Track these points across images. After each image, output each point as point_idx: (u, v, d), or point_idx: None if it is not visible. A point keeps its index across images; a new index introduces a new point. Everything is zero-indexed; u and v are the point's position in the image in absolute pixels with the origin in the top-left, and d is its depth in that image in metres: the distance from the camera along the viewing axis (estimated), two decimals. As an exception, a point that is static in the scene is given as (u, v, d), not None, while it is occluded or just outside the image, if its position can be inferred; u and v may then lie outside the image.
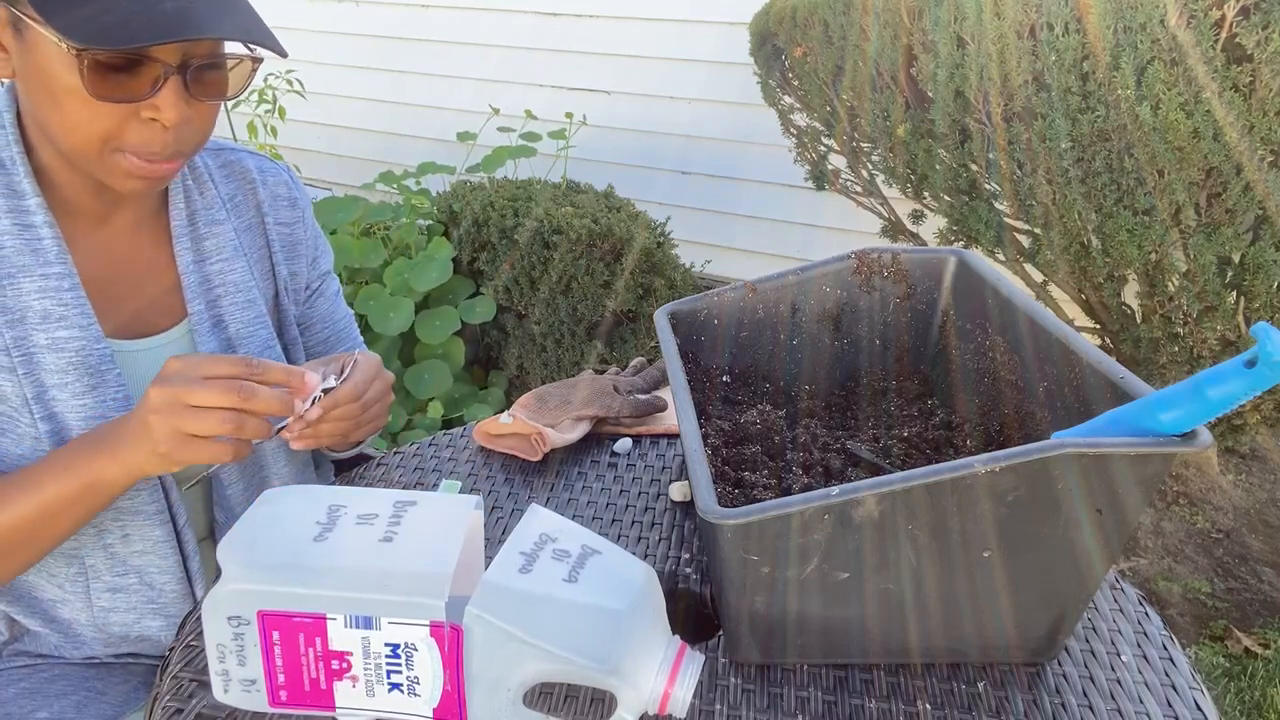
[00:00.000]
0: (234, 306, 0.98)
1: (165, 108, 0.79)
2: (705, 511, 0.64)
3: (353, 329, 1.18)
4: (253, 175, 1.03)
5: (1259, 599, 2.06)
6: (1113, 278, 1.86)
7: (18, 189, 0.85)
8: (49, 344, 0.85)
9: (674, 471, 1.01)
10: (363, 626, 0.61)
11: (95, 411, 0.87)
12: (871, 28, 2.05)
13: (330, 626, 0.61)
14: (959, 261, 0.96)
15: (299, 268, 1.08)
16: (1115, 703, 0.71)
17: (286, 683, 0.64)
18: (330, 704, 0.64)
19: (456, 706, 0.63)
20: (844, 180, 2.56)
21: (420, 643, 0.61)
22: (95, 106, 0.78)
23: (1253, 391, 0.57)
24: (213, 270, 0.97)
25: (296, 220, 1.07)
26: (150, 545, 0.92)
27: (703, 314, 0.96)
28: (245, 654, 0.63)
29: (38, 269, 0.85)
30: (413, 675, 0.62)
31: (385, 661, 0.62)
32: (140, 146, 0.81)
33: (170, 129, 0.81)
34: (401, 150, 3.73)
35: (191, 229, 0.96)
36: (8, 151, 0.85)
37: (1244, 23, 1.51)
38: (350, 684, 0.63)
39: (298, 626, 0.62)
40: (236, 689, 0.64)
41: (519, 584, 0.62)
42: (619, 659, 0.60)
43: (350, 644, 0.62)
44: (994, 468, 0.62)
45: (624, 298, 2.41)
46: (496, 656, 0.60)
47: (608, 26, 3.31)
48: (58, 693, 0.92)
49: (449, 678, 0.62)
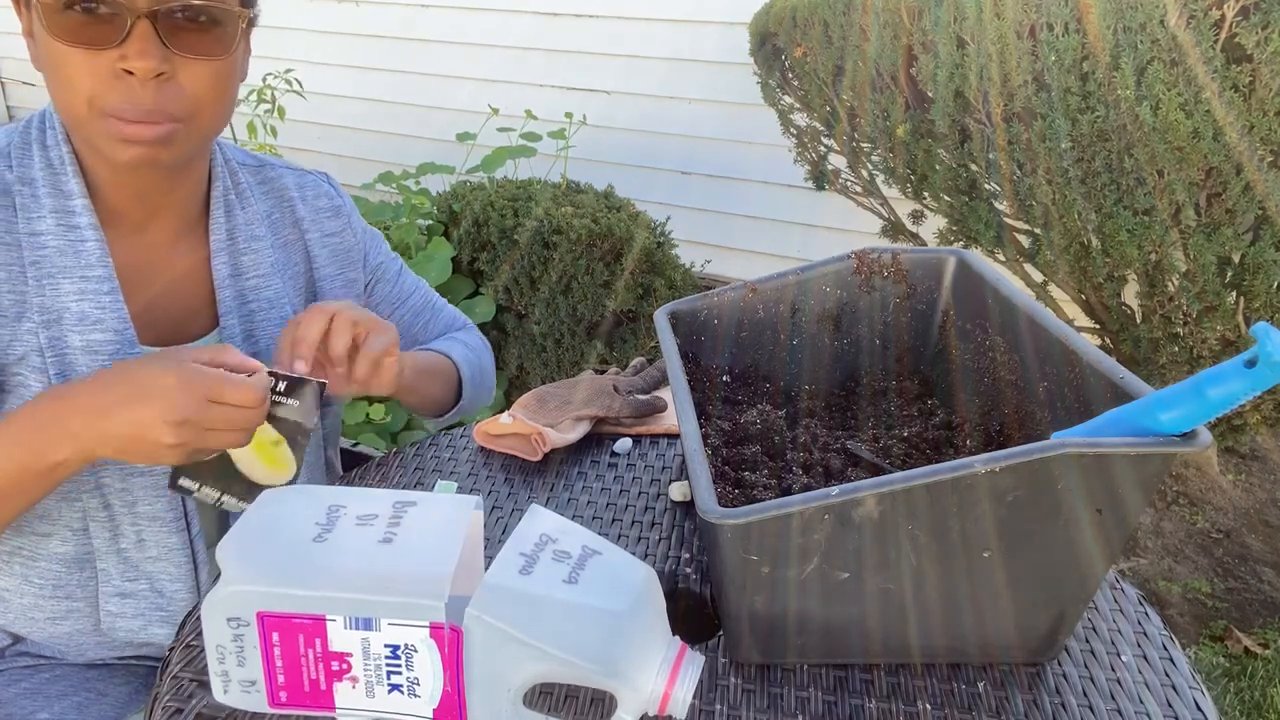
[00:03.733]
0: (266, 323, 0.97)
1: (133, 55, 0.76)
2: (705, 511, 0.64)
3: (430, 300, 1.20)
4: (291, 194, 1.03)
5: (1259, 599, 2.06)
6: (1113, 278, 1.86)
7: (64, 189, 0.85)
8: (83, 346, 0.85)
9: (674, 471, 1.01)
10: (362, 628, 0.61)
11: None
12: (871, 28, 2.05)
13: (330, 628, 0.61)
14: (959, 261, 0.96)
15: (355, 274, 1.08)
16: (1115, 703, 0.71)
17: (286, 683, 0.64)
18: (330, 704, 0.64)
19: (457, 707, 0.63)
20: (844, 180, 2.56)
21: (420, 644, 0.61)
22: (73, 62, 0.76)
23: (1253, 391, 0.57)
24: (248, 286, 0.96)
25: (343, 228, 1.07)
26: (164, 552, 0.92)
27: (703, 314, 0.96)
28: (245, 655, 0.63)
29: (78, 271, 0.84)
30: (413, 676, 0.62)
31: (385, 663, 0.62)
32: (120, 105, 0.78)
33: (146, 83, 0.77)
34: (401, 150, 3.73)
35: (230, 244, 0.95)
36: (57, 151, 0.85)
37: (1244, 23, 1.51)
38: (350, 685, 0.63)
39: (297, 628, 0.62)
40: (236, 690, 0.64)
41: (519, 585, 0.62)
42: (619, 660, 0.60)
43: (350, 645, 0.62)
44: (994, 468, 0.62)
45: (624, 298, 2.41)
46: (496, 658, 0.60)
47: (608, 26, 3.31)
48: (59, 693, 0.92)
49: (449, 679, 0.62)
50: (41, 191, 0.84)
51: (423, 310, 1.20)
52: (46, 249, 0.84)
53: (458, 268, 2.59)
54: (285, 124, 3.11)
